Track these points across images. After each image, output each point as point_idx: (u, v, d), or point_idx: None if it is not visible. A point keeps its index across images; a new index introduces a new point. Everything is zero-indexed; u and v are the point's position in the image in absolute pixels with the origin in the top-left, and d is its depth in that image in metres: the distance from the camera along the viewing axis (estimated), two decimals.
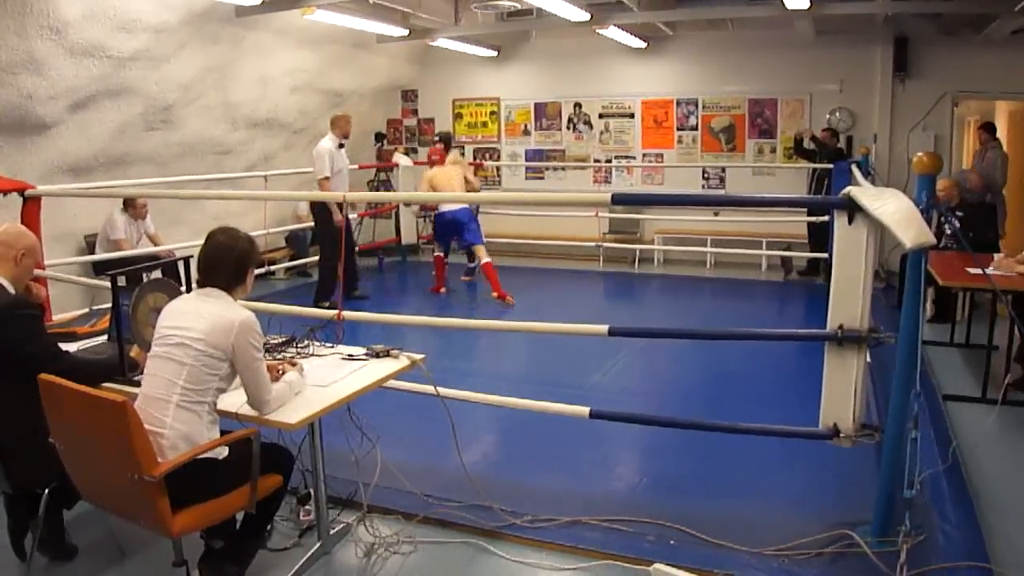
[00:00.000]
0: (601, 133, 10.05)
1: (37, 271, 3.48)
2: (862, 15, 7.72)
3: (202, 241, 2.61)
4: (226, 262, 2.53)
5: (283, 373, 2.72)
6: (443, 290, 7.87)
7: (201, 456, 2.37)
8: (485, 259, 7.47)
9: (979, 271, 4.61)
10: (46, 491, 2.65)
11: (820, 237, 8.13)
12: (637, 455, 4.00)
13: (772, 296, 8.28)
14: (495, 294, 7.27)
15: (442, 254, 7.90)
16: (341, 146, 7.16)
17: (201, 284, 2.56)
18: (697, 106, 9.55)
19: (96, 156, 6.74)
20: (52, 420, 2.45)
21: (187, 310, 2.50)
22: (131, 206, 6.88)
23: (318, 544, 2.92)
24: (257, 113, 8.15)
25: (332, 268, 6.96)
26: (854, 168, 6.69)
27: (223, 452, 2.47)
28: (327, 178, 6.95)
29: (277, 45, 7.88)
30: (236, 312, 2.47)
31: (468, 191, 7.84)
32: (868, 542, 2.85)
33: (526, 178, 10.56)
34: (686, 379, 5.32)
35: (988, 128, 7.66)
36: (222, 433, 2.49)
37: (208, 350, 2.40)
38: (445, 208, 7.52)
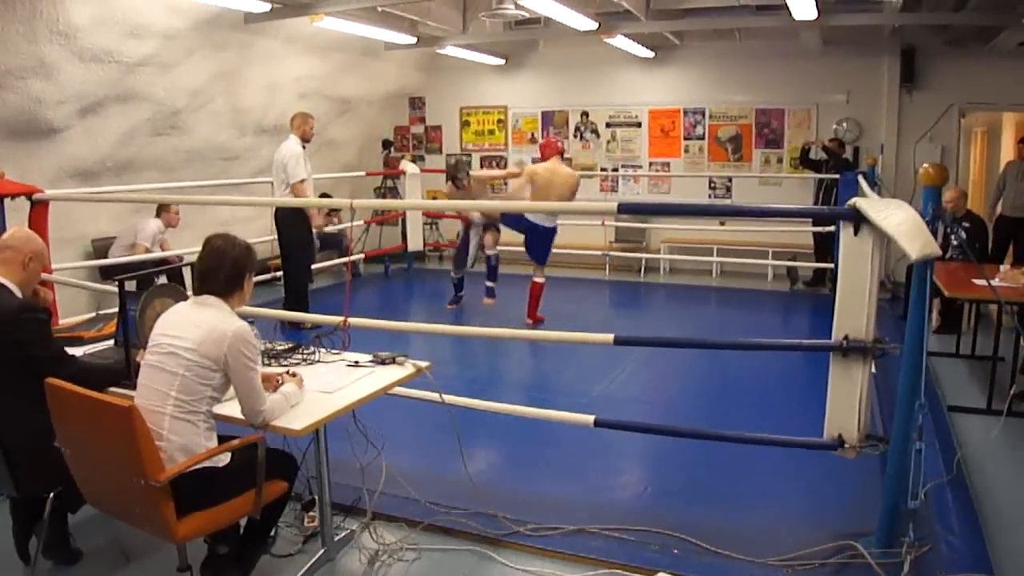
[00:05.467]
0: (608, 142, 10.07)
1: (44, 275, 3.50)
2: (869, 26, 7.72)
3: None
4: (222, 268, 2.49)
5: (281, 383, 2.69)
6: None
7: (201, 465, 2.36)
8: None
9: (985, 282, 4.60)
10: (51, 495, 2.65)
11: (826, 247, 8.13)
12: (642, 464, 4.00)
13: (778, 306, 8.26)
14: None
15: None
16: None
17: (198, 291, 2.52)
18: (704, 116, 9.56)
19: (104, 161, 6.78)
20: (58, 424, 2.45)
21: (181, 318, 2.47)
22: (165, 212, 6.88)
23: (322, 551, 2.92)
24: (265, 119, 8.19)
25: (303, 286, 6.18)
26: (860, 179, 6.68)
27: (224, 459, 2.46)
28: (303, 180, 6.01)
29: (285, 52, 7.92)
30: (230, 322, 2.43)
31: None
32: (872, 553, 2.84)
33: None
34: (691, 388, 5.31)
35: None
36: (228, 439, 2.49)
37: (200, 360, 2.37)
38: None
